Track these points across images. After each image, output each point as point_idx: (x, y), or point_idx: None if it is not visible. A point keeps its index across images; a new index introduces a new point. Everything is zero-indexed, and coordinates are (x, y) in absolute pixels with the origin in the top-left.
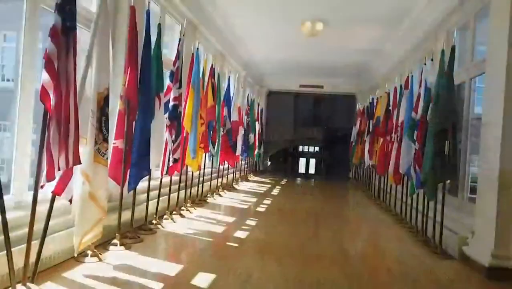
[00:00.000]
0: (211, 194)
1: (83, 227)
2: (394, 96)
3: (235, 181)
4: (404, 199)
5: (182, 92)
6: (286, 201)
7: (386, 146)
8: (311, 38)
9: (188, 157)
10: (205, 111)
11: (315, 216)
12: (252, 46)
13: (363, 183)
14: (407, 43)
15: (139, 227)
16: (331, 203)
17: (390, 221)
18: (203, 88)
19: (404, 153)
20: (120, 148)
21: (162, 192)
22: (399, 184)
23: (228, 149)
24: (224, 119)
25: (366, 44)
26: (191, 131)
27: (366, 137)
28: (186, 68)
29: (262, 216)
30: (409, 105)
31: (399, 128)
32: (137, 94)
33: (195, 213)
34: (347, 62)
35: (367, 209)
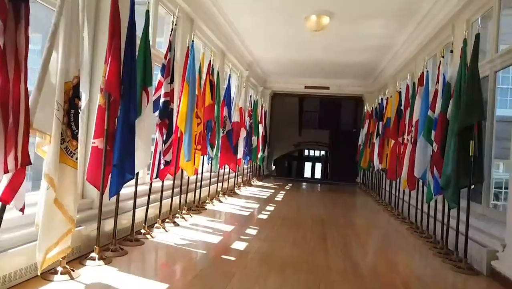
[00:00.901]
0: (210, 200)
1: (48, 240)
2: (407, 95)
3: (236, 186)
4: (419, 206)
5: (175, 88)
6: (290, 207)
7: (398, 148)
8: (316, 36)
9: (182, 160)
10: (202, 110)
11: (321, 224)
12: (254, 45)
13: (372, 188)
14: (419, 37)
15: (125, 237)
16: (338, 210)
17: (404, 229)
18: (200, 85)
19: (419, 155)
20: (100, 148)
21: (153, 198)
22: (413, 189)
23: (229, 151)
24: (224, 120)
25: (375, 40)
26: (186, 131)
27: (375, 140)
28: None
29: (264, 224)
30: (424, 103)
31: (413, 129)
32: (119, 87)
33: (191, 220)
34: (354, 62)
35: (378, 216)
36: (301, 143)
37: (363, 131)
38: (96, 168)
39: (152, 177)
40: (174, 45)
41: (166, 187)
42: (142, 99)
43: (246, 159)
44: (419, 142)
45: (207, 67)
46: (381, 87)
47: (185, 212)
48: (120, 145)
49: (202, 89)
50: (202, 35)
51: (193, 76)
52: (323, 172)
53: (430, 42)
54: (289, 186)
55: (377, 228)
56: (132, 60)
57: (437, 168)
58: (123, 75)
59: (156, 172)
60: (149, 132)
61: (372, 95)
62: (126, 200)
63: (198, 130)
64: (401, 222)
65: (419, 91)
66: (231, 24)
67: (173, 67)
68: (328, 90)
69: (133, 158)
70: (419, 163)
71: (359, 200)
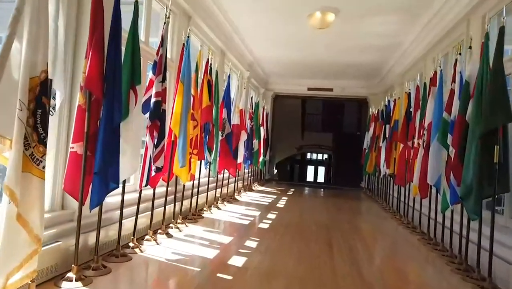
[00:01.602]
0: (207, 207)
1: (9, 263)
2: (417, 96)
3: (237, 192)
4: (432, 215)
5: (169, 87)
6: (293, 214)
7: (407, 153)
8: (320, 35)
9: (176, 165)
10: (199, 112)
11: (326, 233)
12: (254, 44)
13: (378, 194)
14: (430, 35)
15: (111, 252)
16: (344, 217)
17: (416, 240)
18: (196, 85)
19: (433, 161)
20: (79, 153)
21: (143, 207)
22: (425, 197)
23: (228, 155)
24: (223, 122)
25: (381, 39)
26: (180, 134)
27: (382, 144)
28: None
29: (265, 234)
30: (438, 104)
31: (425, 132)
32: (101, 85)
33: (186, 231)
34: (359, 62)
35: (386, 225)
36: (303, 147)
37: (368, 134)
38: (75, 176)
39: (141, 184)
40: (167, 41)
41: (159, 195)
42: (130, 99)
43: (247, 163)
44: (432, 146)
45: (205, 66)
46: (387, 88)
47: (180, 221)
48: (102, 150)
49: (199, 89)
50: (200, 32)
51: (188, 75)
52: (326, 176)
53: (441, 40)
54: (292, 190)
55: (386, 238)
56: (117, 55)
57: (455, 175)
58: (106, 72)
59: (146, 179)
60: (137, 136)
61: (377, 97)
62: (113, 210)
63: (195, 133)
64: (412, 231)
65: (432, 91)
66: (231, 22)
67: (165, 65)
68: (332, 92)
69: (118, 165)
70: (433, 169)
71: (365, 206)
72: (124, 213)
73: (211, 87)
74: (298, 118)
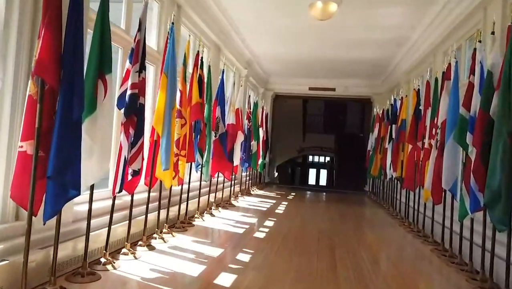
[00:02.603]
0: (199, 214)
1: None
2: (427, 93)
3: (233, 196)
4: (448, 224)
5: (154, 82)
6: (292, 221)
7: (416, 154)
8: (321, 29)
9: (159, 168)
10: (188, 109)
11: (330, 244)
12: (253, 40)
13: (384, 198)
14: (441, 26)
15: (76, 270)
16: (348, 225)
17: (428, 251)
18: (184, 79)
19: (448, 162)
20: (29, 153)
21: (121, 216)
22: (439, 203)
23: (222, 157)
24: (216, 121)
25: (387, 32)
26: (163, 133)
27: (388, 145)
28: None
29: (261, 245)
30: (453, 100)
31: (438, 131)
32: (55, 72)
33: (172, 241)
34: (363, 59)
35: (394, 234)
36: (305, 149)
37: (372, 135)
38: (23, 180)
39: (114, 190)
40: (145, 25)
41: (140, 201)
42: (98, 90)
43: (245, 166)
44: (447, 146)
45: (195, 59)
46: (392, 87)
47: (166, 230)
48: (58, 149)
49: (188, 84)
50: (192, 24)
51: (173, 67)
52: (329, 179)
53: (454, 31)
54: (292, 195)
55: (396, 249)
56: (78, 36)
57: (476, 179)
58: (64, 56)
59: (120, 184)
60: (107, 134)
61: (382, 97)
62: (83, 220)
63: (182, 132)
64: (423, 241)
65: (446, 86)
66: (227, 15)
67: (143, 53)
68: (334, 92)
69: (78, 167)
70: (448, 172)
71: (370, 211)
72: (97, 223)
73: (202, 83)
74: (299, 119)
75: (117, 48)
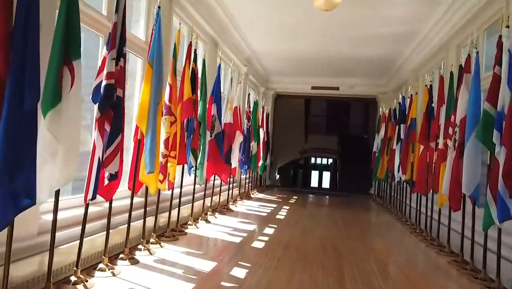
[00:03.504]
0: (193, 221)
1: None
2: (440, 89)
3: (231, 201)
4: (467, 233)
5: (125, 68)
6: (294, 229)
7: (429, 156)
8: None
9: (143, 171)
10: (179, 105)
11: (335, 254)
12: (252, 36)
13: (391, 203)
14: (455, 17)
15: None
16: (354, 231)
17: (445, 263)
18: (174, 72)
19: (469, 164)
20: None
21: (96, 226)
22: (457, 210)
23: (218, 159)
24: (211, 120)
25: (395, 26)
26: (147, 132)
27: (396, 146)
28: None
29: (259, 257)
30: (474, 94)
31: (457, 129)
32: (1, 54)
33: (159, 253)
34: (368, 55)
35: (406, 242)
36: (307, 150)
37: (378, 136)
38: None
39: (86, 197)
40: (123, 4)
41: (122, 208)
42: (63, 78)
43: (244, 168)
44: (468, 146)
45: (187, 50)
46: (398, 86)
47: (153, 240)
48: (4, 149)
49: (180, 78)
50: (186, 16)
51: (158, 57)
52: (332, 182)
53: (469, 22)
54: (294, 198)
55: (409, 262)
56: (31, 13)
57: (506, 183)
58: (15, 36)
59: (93, 189)
60: (75, 131)
61: (387, 96)
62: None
63: (172, 131)
64: (439, 251)
65: (465, 80)
66: (225, 8)
67: (122, 38)
68: (338, 91)
69: (32, 171)
70: (470, 175)
71: (377, 217)
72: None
73: (196, 78)
74: (301, 119)
75: (99, 37)
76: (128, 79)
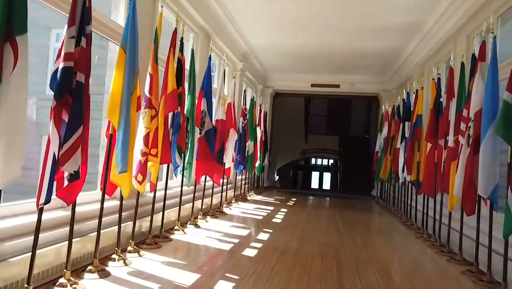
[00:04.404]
0: (180, 226)
1: None
2: (450, 82)
3: (225, 203)
4: (483, 240)
5: (88, 48)
6: (291, 233)
7: (437, 154)
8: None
9: (114, 170)
10: (162, 98)
11: (336, 263)
12: (248, 29)
13: (395, 205)
14: (465, 5)
15: None
16: (357, 236)
17: (457, 273)
18: (155, 60)
19: (487, 163)
20: None
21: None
22: (472, 214)
23: (209, 158)
24: (201, 116)
25: (399, 17)
26: (119, 126)
27: (400, 145)
28: None
29: (250, 268)
30: (492, 84)
31: (470, 124)
32: None
33: (136, 264)
34: (371, 50)
35: (413, 248)
36: (307, 151)
37: (381, 135)
38: None
39: (38, 203)
40: None
41: (91, 213)
42: (3, 56)
43: (239, 168)
44: (485, 143)
45: (171, 37)
46: (402, 83)
47: (131, 249)
48: None
49: (165, 69)
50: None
51: (133, 40)
52: (333, 183)
53: (480, 11)
54: (293, 200)
55: (418, 271)
56: None
57: None
58: None
59: (45, 193)
60: (19, 120)
61: (390, 93)
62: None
63: (153, 126)
64: (449, 259)
65: (480, 68)
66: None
67: (83, 15)
68: (338, 89)
69: None
70: (487, 175)
71: (381, 220)
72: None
73: (182, 69)
74: (301, 119)
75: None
76: (111, 72)
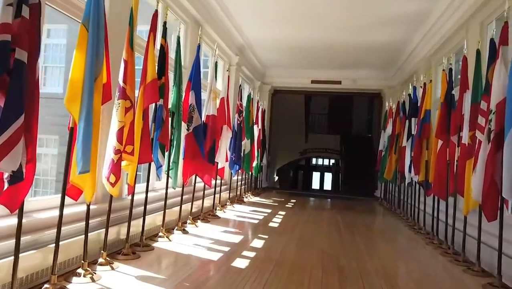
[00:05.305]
0: (165, 232)
1: None
2: (463, 72)
3: (219, 205)
4: (507, 249)
5: (34, 21)
6: (289, 239)
7: (449, 152)
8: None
9: (74, 171)
10: (141, 88)
11: (338, 274)
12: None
13: (400, 207)
14: None
15: None
16: (360, 242)
17: (477, 286)
18: (130, 45)
19: (511, 161)
20: None
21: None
22: (493, 219)
23: (198, 156)
24: (189, 111)
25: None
26: (80, 117)
27: (406, 143)
28: None
29: (240, 281)
30: None
31: (491, 117)
32: None
33: (105, 279)
34: (374, 44)
35: (422, 255)
36: (307, 151)
37: (385, 133)
38: None
39: None
40: None
41: (50, 221)
42: None
43: (234, 168)
44: (510, 137)
45: (152, 20)
46: (406, 78)
47: (103, 260)
48: None
49: (144, 56)
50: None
51: (97, 16)
52: (334, 184)
53: None
54: (293, 202)
55: (430, 281)
56: None
57: None
58: None
59: None
60: None
61: (394, 90)
62: None
63: (128, 120)
64: (465, 269)
65: (502, 53)
66: None
67: None
68: (340, 85)
69: None
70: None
71: (385, 223)
72: None
73: (166, 57)
74: (301, 117)
75: None
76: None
